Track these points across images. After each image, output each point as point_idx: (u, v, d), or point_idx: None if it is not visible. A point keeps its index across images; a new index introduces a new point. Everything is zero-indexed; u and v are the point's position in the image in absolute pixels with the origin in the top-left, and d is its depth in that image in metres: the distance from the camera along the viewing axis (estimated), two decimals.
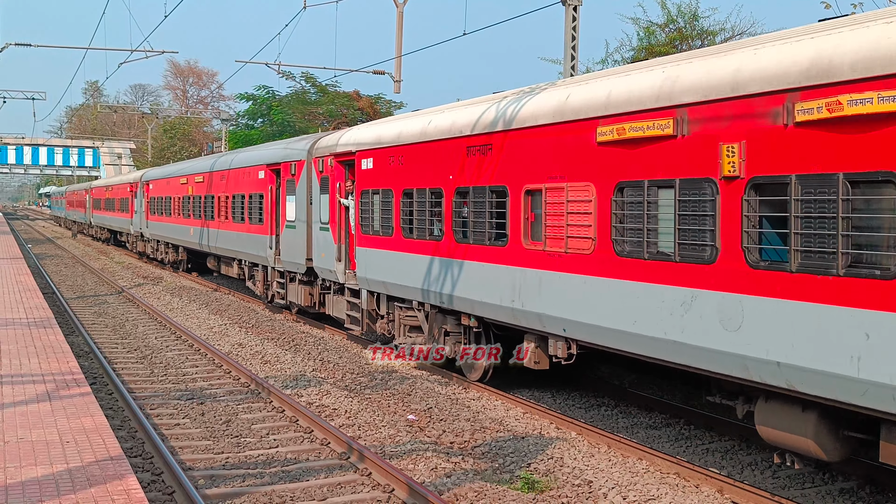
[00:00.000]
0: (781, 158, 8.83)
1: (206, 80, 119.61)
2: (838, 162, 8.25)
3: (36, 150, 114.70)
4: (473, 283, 14.51)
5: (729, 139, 9.45)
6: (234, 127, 64.29)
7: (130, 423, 13.16)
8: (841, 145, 8.23)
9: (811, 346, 8.51)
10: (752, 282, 9.19)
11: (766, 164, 9.02)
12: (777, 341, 8.87)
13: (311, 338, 21.25)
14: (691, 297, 9.98)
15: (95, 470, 8.79)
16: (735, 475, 11.11)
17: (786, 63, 8.90)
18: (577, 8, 20.69)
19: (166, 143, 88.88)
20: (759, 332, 9.09)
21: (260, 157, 26.85)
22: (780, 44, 9.26)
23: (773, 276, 8.93)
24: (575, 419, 13.51)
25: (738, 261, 9.34)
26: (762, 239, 9.24)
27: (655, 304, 10.50)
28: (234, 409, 14.26)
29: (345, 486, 10.44)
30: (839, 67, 8.28)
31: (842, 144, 8.23)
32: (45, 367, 14.09)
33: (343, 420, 13.54)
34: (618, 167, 11.12)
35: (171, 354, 19.28)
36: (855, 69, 8.12)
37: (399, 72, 24.86)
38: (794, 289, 8.67)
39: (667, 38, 32.04)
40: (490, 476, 10.77)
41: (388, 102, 55.29)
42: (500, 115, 13.84)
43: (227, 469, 11.07)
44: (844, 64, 8.24)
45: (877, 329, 7.91)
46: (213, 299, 29.31)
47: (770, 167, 8.96)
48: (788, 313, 8.74)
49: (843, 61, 8.26)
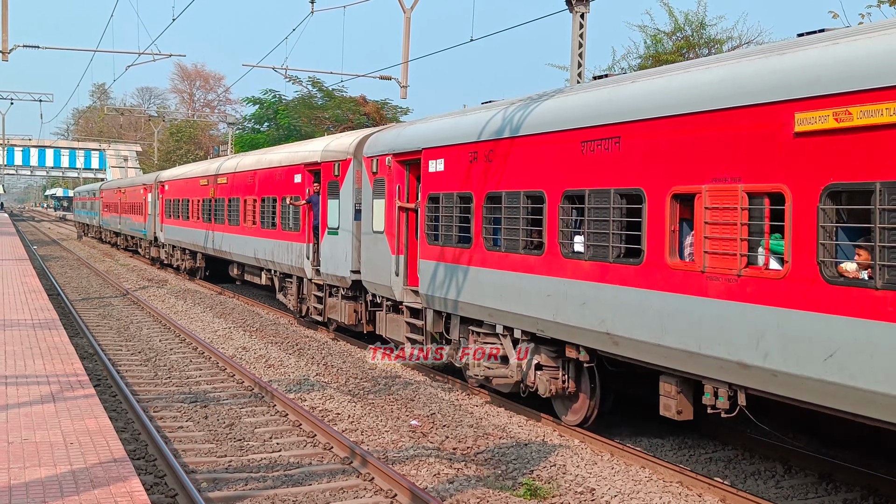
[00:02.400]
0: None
1: (212, 83, 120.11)
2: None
3: (42, 151, 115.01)
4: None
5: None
6: (241, 131, 64.38)
7: (134, 426, 13.18)
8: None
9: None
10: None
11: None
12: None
13: (315, 342, 21.26)
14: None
15: (99, 472, 8.81)
16: (738, 484, 11.10)
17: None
18: (584, 15, 20.71)
19: (172, 147, 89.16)
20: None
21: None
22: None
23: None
24: (577, 427, 13.50)
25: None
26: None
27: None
28: (237, 412, 14.27)
29: (347, 491, 10.44)
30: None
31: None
32: (50, 368, 14.11)
33: (346, 425, 13.54)
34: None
35: (175, 357, 19.31)
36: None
37: (406, 77, 24.92)
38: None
39: (674, 46, 32.07)
40: (492, 482, 10.76)
41: (395, 108, 55.35)
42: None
43: (230, 472, 11.08)
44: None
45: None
46: (217, 302, 29.34)
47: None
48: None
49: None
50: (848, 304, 8.20)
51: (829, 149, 8.48)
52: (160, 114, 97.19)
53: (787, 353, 8.84)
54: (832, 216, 8.50)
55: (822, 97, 8.54)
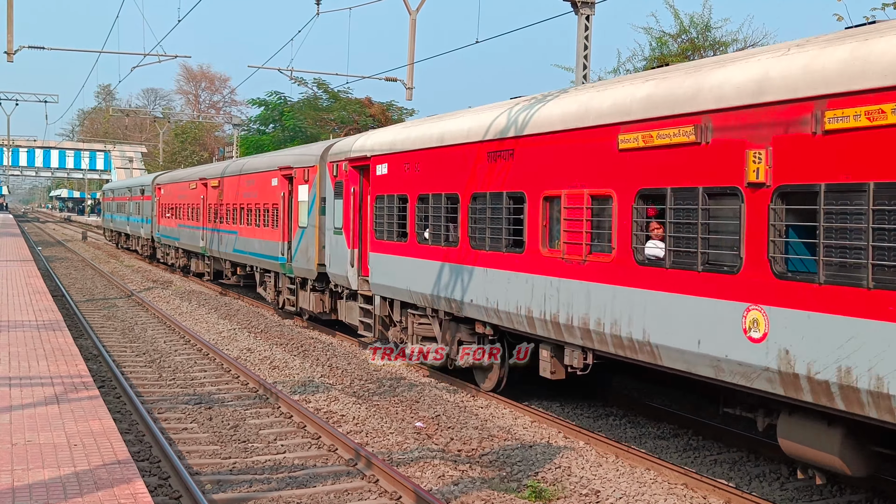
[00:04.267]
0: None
1: (218, 84, 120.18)
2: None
3: (47, 152, 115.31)
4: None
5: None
6: (246, 132, 64.46)
7: (138, 427, 13.18)
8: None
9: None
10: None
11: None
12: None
13: (320, 343, 21.26)
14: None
15: (103, 473, 8.80)
16: (743, 487, 11.06)
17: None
18: (589, 17, 20.69)
19: (178, 148, 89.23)
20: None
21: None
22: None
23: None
24: (583, 428, 13.48)
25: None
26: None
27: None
28: (241, 414, 14.26)
29: (352, 493, 10.43)
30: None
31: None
32: (54, 369, 14.11)
33: (351, 426, 13.53)
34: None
35: (180, 359, 19.31)
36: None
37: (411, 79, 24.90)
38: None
39: (679, 49, 32.00)
40: (497, 484, 10.74)
41: (400, 109, 55.39)
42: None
43: (235, 474, 11.06)
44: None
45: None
46: (221, 304, 29.35)
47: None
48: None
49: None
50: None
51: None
52: (165, 115, 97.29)
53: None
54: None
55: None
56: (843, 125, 8.28)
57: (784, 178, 8.90)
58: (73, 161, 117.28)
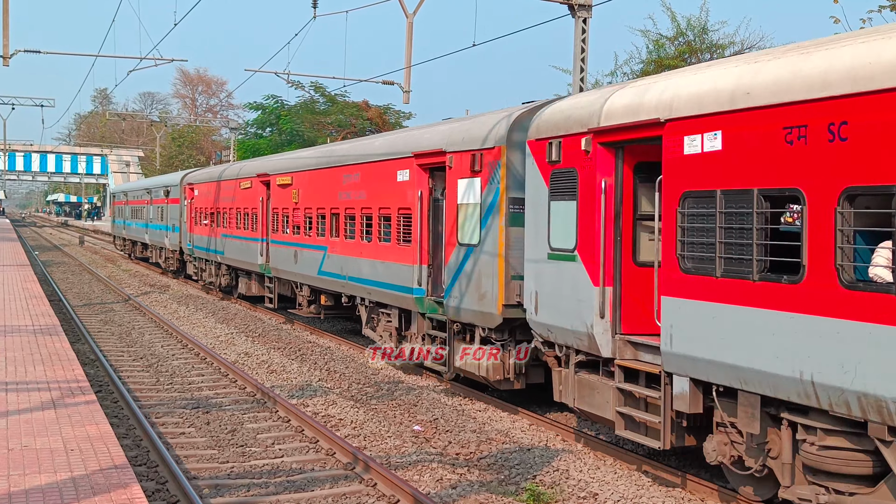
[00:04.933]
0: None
1: (215, 88, 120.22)
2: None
3: (44, 157, 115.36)
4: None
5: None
6: (243, 136, 64.39)
7: (136, 432, 13.15)
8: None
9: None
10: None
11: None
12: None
13: (318, 348, 21.23)
14: None
15: (100, 478, 8.77)
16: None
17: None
18: (586, 20, 20.70)
19: (174, 152, 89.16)
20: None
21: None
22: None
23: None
24: (581, 431, 13.46)
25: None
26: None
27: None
28: (239, 418, 14.23)
29: (350, 497, 10.40)
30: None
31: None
32: (51, 374, 14.08)
33: (349, 430, 13.51)
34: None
35: (177, 363, 19.27)
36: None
37: (408, 82, 24.92)
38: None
39: (676, 51, 32.05)
40: (495, 488, 10.73)
41: (397, 113, 55.37)
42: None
43: (232, 478, 11.04)
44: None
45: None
46: (219, 308, 29.32)
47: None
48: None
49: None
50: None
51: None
52: (162, 119, 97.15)
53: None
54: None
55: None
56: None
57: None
58: (70, 165, 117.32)
